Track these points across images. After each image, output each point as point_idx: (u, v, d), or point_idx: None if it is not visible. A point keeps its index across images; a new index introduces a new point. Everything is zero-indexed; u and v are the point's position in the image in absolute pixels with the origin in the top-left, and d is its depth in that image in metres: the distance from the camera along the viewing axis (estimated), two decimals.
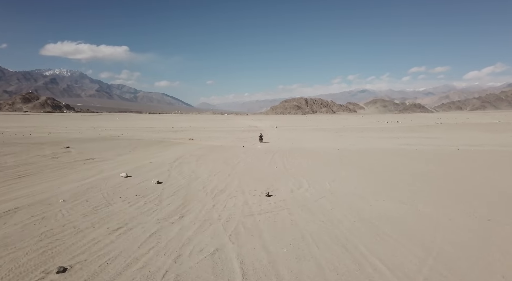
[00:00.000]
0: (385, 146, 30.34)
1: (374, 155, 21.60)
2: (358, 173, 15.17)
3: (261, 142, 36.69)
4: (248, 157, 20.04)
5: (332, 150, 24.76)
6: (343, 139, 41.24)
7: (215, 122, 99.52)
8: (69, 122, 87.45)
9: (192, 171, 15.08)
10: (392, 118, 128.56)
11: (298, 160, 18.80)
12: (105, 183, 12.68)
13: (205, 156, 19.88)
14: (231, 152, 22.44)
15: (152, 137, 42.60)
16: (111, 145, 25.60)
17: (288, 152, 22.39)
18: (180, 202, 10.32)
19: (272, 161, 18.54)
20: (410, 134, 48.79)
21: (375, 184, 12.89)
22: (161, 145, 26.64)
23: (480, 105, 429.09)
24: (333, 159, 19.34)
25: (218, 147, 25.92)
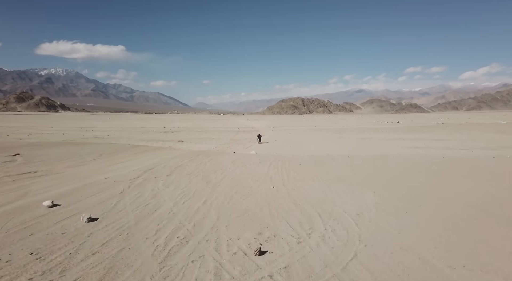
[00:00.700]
0: (397, 151, 27.10)
1: (394, 164, 17.35)
2: (391, 199, 10.63)
3: (259, 143, 35.55)
4: (238, 167, 15.78)
5: (340, 157, 20.69)
6: (345, 141, 38.55)
7: (210, 122, 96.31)
8: (58, 122, 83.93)
9: (154, 195, 10.70)
10: (392, 118, 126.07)
11: (302, 173, 14.61)
12: (7, 221, 8.41)
13: (182, 168, 15.60)
14: (218, 160, 18.07)
15: (140, 138, 39.64)
16: (72, 152, 21.01)
17: (288, 161, 17.93)
18: (100, 274, 5.82)
19: (267, 175, 14.19)
20: (414, 135, 46.25)
21: (430, 226, 8.23)
22: (134, 151, 21.96)
23: (476, 105, 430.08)
24: (346, 172, 15.07)
25: (204, 153, 21.54)
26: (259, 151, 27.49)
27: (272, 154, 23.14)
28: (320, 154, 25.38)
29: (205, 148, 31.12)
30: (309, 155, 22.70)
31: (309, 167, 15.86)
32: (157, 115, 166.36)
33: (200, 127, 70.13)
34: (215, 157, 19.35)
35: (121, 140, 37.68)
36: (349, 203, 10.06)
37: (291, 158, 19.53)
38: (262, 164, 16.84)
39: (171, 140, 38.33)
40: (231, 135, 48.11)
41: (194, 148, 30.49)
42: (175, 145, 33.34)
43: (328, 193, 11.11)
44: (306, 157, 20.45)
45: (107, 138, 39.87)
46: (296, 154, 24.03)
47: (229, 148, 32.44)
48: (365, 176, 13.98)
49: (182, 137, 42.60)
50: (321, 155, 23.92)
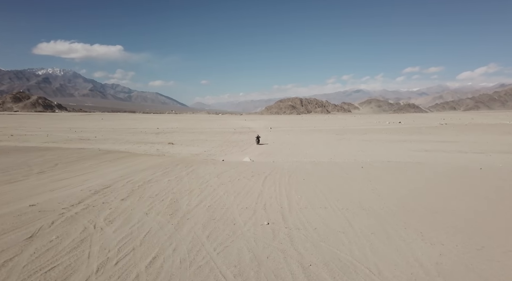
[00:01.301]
0: (409, 155, 24.04)
1: (420, 177, 13.38)
2: (461, 250, 6.52)
3: (258, 144, 34.55)
4: (222, 185, 11.67)
5: (348, 165, 17.03)
6: (347, 143, 35.88)
7: (207, 122, 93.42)
8: (49, 122, 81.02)
9: (78, 244, 6.52)
10: (392, 118, 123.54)
11: (307, 195, 10.51)
12: None
13: (149, 185, 11.53)
14: (199, 172, 13.95)
15: (127, 140, 36.92)
16: (22, 160, 16.86)
17: (288, 174, 13.83)
18: None
19: (261, 198, 10.06)
20: (420, 137, 43.63)
21: None
22: (102, 159, 17.65)
23: (474, 105, 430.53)
24: (365, 192, 10.97)
25: (185, 162, 17.10)
26: (254, 156, 24.25)
27: (269, 161, 19.76)
28: (323, 159, 22.60)
29: (195, 151, 28.41)
30: (311, 161, 19.84)
31: (315, 183, 12.03)
32: (153, 116, 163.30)
33: (195, 128, 67.33)
34: (197, 167, 15.24)
35: (107, 142, 35.12)
36: (391, 263, 5.85)
37: (291, 168, 15.56)
38: (256, 178, 12.90)
39: (160, 142, 35.66)
40: (227, 136, 45.43)
41: (183, 151, 27.72)
42: (164, 148, 30.66)
43: (352, 239, 6.93)
44: (308, 165, 16.95)
45: (92, 140, 37.28)
46: (297, 160, 21.11)
47: (222, 151, 29.73)
48: (394, 199, 10.03)
49: (173, 139, 39.93)
50: (325, 161, 21.13)
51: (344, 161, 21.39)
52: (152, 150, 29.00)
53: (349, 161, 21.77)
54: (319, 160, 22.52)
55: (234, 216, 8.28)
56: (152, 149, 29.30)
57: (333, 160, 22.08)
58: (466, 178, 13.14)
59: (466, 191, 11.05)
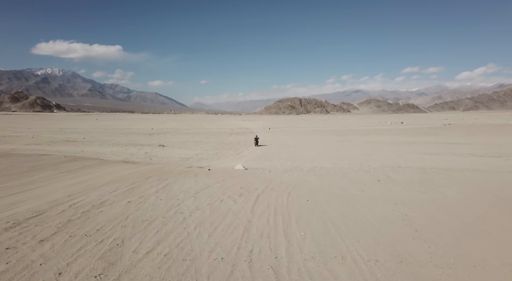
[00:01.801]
0: (424, 160, 21.34)
1: (463, 198, 9.99)
2: None
3: (256, 145, 33.43)
4: (195, 212, 8.49)
5: (364, 177, 13.53)
6: (351, 145, 33.41)
7: (204, 123, 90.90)
8: (41, 123, 78.54)
9: None
10: (394, 118, 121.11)
11: (313, 230, 7.42)
12: None
13: (95, 213, 8.29)
14: (172, 191, 10.61)
15: (116, 142, 34.65)
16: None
17: (286, 191, 10.69)
18: None
19: (245, 239, 6.82)
20: (427, 138, 41.24)
21: None
22: (62, 169, 14.35)
23: (473, 105, 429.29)
24: (399, 228, 7.73)
25: (162, 172, 13.91)
26: (249, 161, 21.52)
27: (266, 167, 16.97)
28: (326, 164, 20.20)
29: (186, 155, 26.00)
30: (313, 168, 17.42)
31: (323, 207, 8.84)
32: (149, 116, 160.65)
33: (191, 128, 64.93)
34: (173, 181, 11.87)
35: (94, 144, 32.91)
36: None
37: (291, 180, 12.37)
38: (244, 198, 9.70)
39: (151, 144, 33.35)
40: (223, 138, 43.10)
41: (173, 154, 25.20)
42: (153, 151, 28.35)
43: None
44: (311, 174, 13.95)
45: (79, 141, 35.15)
46: (297, 166, 18.64)
47: (215, 154, 27.34)
48: (443, 239, 6.78)
49: (166, 141, 37.61)
50: (328, 166, 18.75)
51: (349, 167, 19.06)
52: (139, 153, 26.66)
53: (355, 166, 19.44)
54: (321, 165, 20.18)
55: (198, 279, 5.16)
56: (140, 152, 26.96)
57: (337, 165, 19.74)
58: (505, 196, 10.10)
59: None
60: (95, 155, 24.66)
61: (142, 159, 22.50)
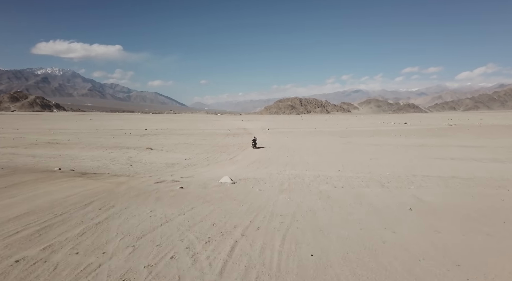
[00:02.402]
0: (445, 169, 17.95)
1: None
2: None
3: (254, 148, 31.37)
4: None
5: (389, 203, 9.72)
6: (356, 149, 29.91)
7: (201, 123, 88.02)
8: (32, 123, 75.71)
9: None
10: (396, 119, 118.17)
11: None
12: None
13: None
14: (112, 228, 6.93)
15: (102, 145, 32.31)
16: None
17: (279, 232, 6.82)
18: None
19: None
20: (436, 140, 38.42)
21: None
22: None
23: (473, 105, 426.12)
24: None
25: (114, 194, 9.95)
26: (241, 168, 18.94)
27: (257, 181, 14.12)
28: (330, 172, 17.56)
29: (173, 160, 23.32)
30: (316, 178, 14.70)
31: (338, 270, 5.18)
32: (146, 116, 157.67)
33: (186, 129, 62.19)
34: (119, 211, 8.13)
35: (77, 147, 30.45)
36: None
37: (288, 208, 8.74)
38: (211, 249, 5.92)
39: (138, 147, 30.70)
40: (218, 139, 40.41)
41: (159, 160, 21.84)
42: (139, 155, 25.73)
43: None
44: (314, 195, 10.80)
45: (61, 144, 32.78)
46: (296, 175, 16.01)
47: (206, 159, 24.61)
48: None
49: (156, 143, 34.97)
50: (333, 175, 16.13)
51: (358, 176, 16.42)
52: (122, 157, 24.01)
53: (364, 175, 16.80)
54: (325, 173, 17.53)
55: None
56: (122, 157, 24.31)
57: (344, 174, 17.10)
58: None
59: None
60: (71, 160, 22.08)
61: (120, 165, 19.87)
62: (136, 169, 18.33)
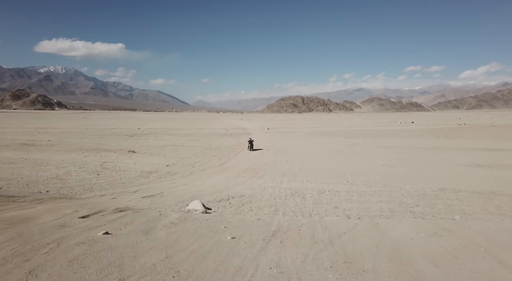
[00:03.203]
0: (480, 181, 14.18)
1: None
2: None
3: (251, 150, 28.88)
4: None
5: (441, 257, 5.38)
6: (365, 153, 26.53)
7: (199, 122, 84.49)
8: (21, 121, 72.38)
9: None
10: (400, 117, 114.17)
11: None
12: None
13: None
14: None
15: (81, 147, 29.35)
16: None
17: None
18: None
19: None
20: (450, 142, 34.76)
21: None
22: None
23: (477, 104, 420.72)
24: None
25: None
26: (226, 182, 15.10)
27: (241, 205, 10.71)
28: (338, 186, 14.11)
29: (152, 167, 20.02)
30: (321, 195, 11.44)
31: None
32: (144, 114, 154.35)
33: (181, 128, 58.85)
34: None
35: (50, 150, 27.69)
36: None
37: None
38: None
39: (121, 149, 27.44)
40: (212, 140, 37.07)
41: (136, 166, 18.66)
42: (118, 159, 22.59)
43: None
44: (318, 224, 6.99)
45: (38, 145, 29.76)
46: (296, 189, 12.65)
47: (192, 165, 21.20)
48: None
49: (143, 144, 31.79)
50: (342, 189, 12.75)
51: (373, 191, 13.07)
52: (95, 163, 20.69)
53: (380, 190, 13.44)
54: (331, 186, 14.18)
55: None
56: (95, 162, 20.99)
57: (355, 188, 13.72)
58: None
59: None
60: (31, 167, 18.77)
61: (85, 174, 16.54)
62: (99, 180, 15.00)
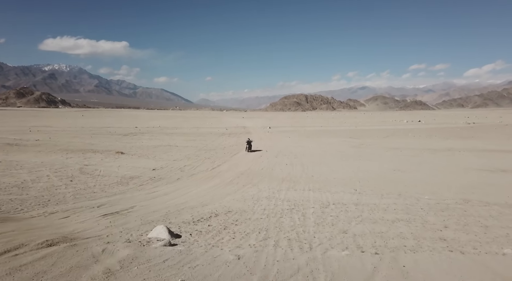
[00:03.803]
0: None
1: None
2: None
3: (249, 151, 26.76)
4: None
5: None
6: (371, 155, 24.23)
7: (198, 120, 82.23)
8: (19, 119, 70.95)
9: None
10: (405, 116, 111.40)
11: None
12: None
13: None
14: None
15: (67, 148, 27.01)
16: None
17: None
18: None
19: None
20: (465, 143, 32.02)
21: None
22: None
23: (482, 102, 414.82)
24: None
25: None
26: (213, 192, 12.42)
27: (222, 230, 8.49)
28: (345, 196, 12.00)
29: (138, 171, 18.21)
30: (325, 210, 9.40)
31: None
32: (143, 112, 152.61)
33: (179, 127, 56.80)
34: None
35: (36, 149, 25.92)
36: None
37: None
38: None
39: (109, 150, 25.51)
40: (209, 140, 34.97)
41: (121, 170, 16.88)
42: (103, 161, 20.82)
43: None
44: (321, 259, 5.53)
45: (21, 145, 28.05)
46: (295, 203, 10.29)
47: (181, 170, 19.02)
48: None
49: (134, 145, 29.82)
50: (349, 201, 10.71)
51: (386, 204, 10.94)
52: (75, 166, 18.70)
53: (393, 201, 11.33)
54: (336, 197, 12.06)
55: None
56: (77, 165, 19.00)
57: (364, 199, 11.59)
58: None
59: None
60: (4, 169, 16.80)
61: (55, 180, 14.54)
62: (67, 189, 12.98)
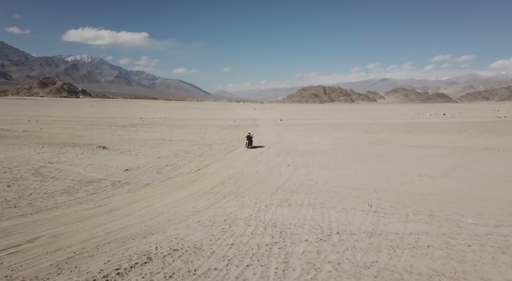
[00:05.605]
0: None
1: None
2: None
3: (249, 147, 23.47)
4: None
5: None
6: (391, 154, 20.81)
7: (207, 112, 78.81)
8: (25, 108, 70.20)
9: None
10: (428, 109, 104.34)
11: None
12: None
13: None
14: None
15: (54, 140, 24.69)
16: None
17: None
18: None
19: None
20: (503, 140, 26.73)
21: None
22: None
23: (509, 95, 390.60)
24: None
25: None
26: (170, 212, 8.80)
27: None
28: (357, 224, 8.70)
29: (108, 171, 15.40)
30: (323, 254, 6.07)
31: None
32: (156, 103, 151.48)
33: (185, 118, 53.81)
34: None
35: (13, 141, 23.34)
36: None
37: None
38: None
39: (92, 144, 22.88)
40: (209, 134, 31.67)
41: (86, 171, 13.98)
42: (78, 157, 18.04)
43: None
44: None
45: (9, 137, 25.64)
46: (282, 230, 7.30)
47: (158, 171, 16.05)
48: None
49: (124, 138, 27.39)
50: (364, 234, 7.58)
51: (411, 230, 7.51)
52: (41, 162, 16.08)
53: (423, 224, 7.90)
54: (344, 218, 8.61)
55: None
56: (45, 160, 16.40)
57: (381, 225, 8.11)
58: None
59: None
60: None
61: None
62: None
